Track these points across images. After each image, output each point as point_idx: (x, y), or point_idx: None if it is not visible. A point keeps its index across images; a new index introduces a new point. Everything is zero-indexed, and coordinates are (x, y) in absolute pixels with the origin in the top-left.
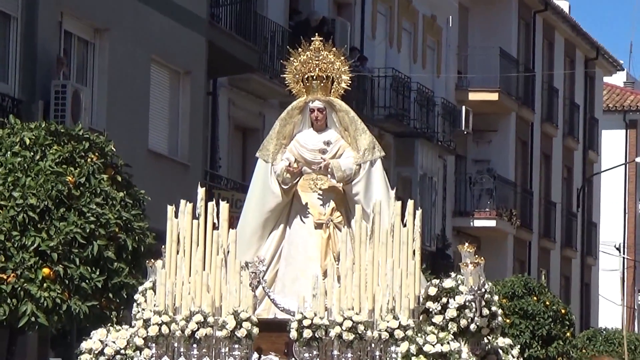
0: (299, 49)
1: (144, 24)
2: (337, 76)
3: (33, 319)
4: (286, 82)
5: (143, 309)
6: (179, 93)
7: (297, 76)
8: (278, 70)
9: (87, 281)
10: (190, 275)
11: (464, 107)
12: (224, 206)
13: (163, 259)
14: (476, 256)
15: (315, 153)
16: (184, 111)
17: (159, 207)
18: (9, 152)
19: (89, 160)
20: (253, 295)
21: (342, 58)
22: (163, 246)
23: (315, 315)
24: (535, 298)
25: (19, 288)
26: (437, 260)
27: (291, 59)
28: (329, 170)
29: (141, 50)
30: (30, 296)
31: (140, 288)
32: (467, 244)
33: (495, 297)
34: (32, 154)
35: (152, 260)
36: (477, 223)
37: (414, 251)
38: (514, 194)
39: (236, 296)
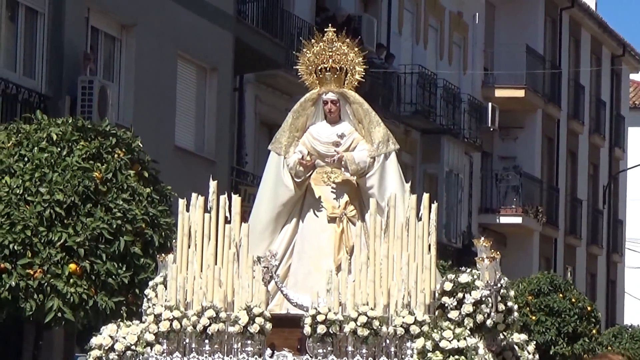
0: (312, 40)
1: (170, 20)
2: (351, 68)
3: (59, 314)
4: (299, 74)
5: (154, 304)
6: (206, 89)
7: (310, 68)
8: None
9: (113, 277)
10: (202, 270)
11: (490, 104)
12: (236, 199)
13: (174, 253)
14: (492, 251)
15: (329, 146)
16: (210, 107)
17: None
18: (36, 148)
19: (115, 156)
20: (265, 290)
21: (356, 49)
22: (174, 240)
23: (330, 310)
24: (561, 295)
25: (46, 284)
26: (462, 257)
27: (304, 50)
28: (343, 163)
29: (168, 46)
30: (56, 292)
31: (151, 283)
32: (482, 238)
33: (512, 292)
34: (59, 149)
35: (163, 254)
36: (503, 220)
37: (429, 245)
38: (540, 191)
39: (249, 291)
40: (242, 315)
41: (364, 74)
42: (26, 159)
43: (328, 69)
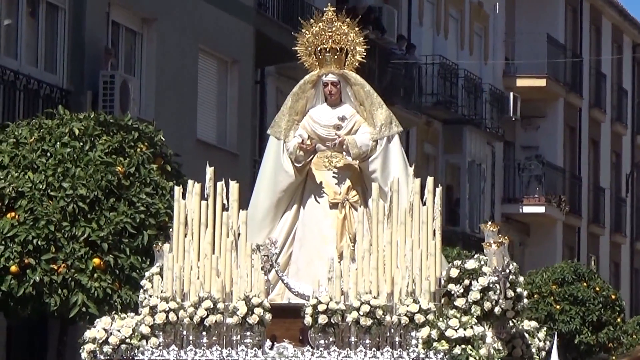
0: (311, 20)
1: (191, 14)
2: (352, 48)
3: (84, 309)
4: (298, 55)
5: (150, 296)
6: (227, 82)
7: (309, 48)
8: None
9: (137, 271)
10: (199, 260)
11: (511, 94)
12: (234, 186)
13: (170, 242)
14: (500, 235)
15: (330, 129)
16: (232, 100)
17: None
18: (58, 143)
19: (138, 150)
20: (266, 279)
21: (357, 29)
22: (171, 229)
23: (331, 299)
24: (585, 284)
25: (70, 278)
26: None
27: (303, 30)
28: (344, 146)
29: (189, 39)
30: (81, 286)
31: (147, 274)
32: (489, 223)
33: (521, 279)
34: (81, 144)
35: (159, 243)
36: (526, 209)
37: (434, 231)
38: (562, 180)
39: (247, 280)
40: (240, 305)
41: (364, 54)
42: (49, 154)
43: (328, 49)
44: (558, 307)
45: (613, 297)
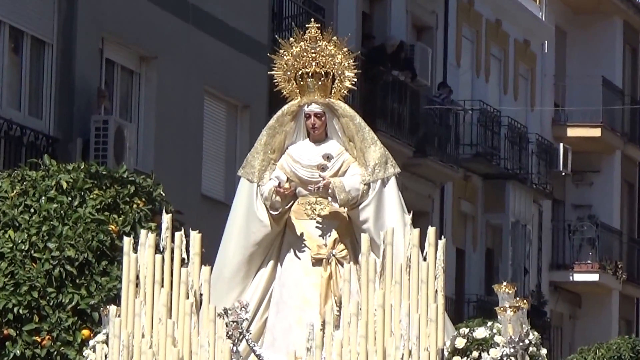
0: (291, 39)
1: (196, 51)
2: (339, 72)
3: None
4: (275, 80)
5: None
6: (237, 130)
7: (288, 73)
8: (349, 101)
9: None
10: (152, 325)
11: (561, 145)
12: (196, 236)
13: (118, 306)
14: (517, 299)
15: (313, 170)
16: (242, 150)
17: (215, 259)
18: (43, 198)
19: (134, 206)
20: (234, 350)
21: (345, 50)
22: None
23: None
24: None
25: (55, 352)
26: (531, 320)
27: (281, 51)
28: (330, 191)
29: (193, 80)
30: None
31: (91, 342)
32: (505, 283)
33: (543, 351)
34: (69, 199)
35: (106, 307)
36: (578, 277)
37: (436, 292)
38: (619, 244)
39: (209, 351)
40: None
41: (355, 80)
42: (32, 210)
43: (310, 74)
44: None
45: None
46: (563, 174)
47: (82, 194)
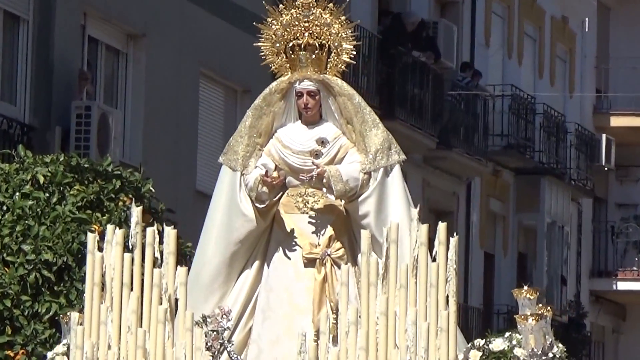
0: (281, 5)
1: (190, 28)
2: (336, 44)
3: None
4: (262, 53)
5: None
6: (236, 117)
7: (277, 45)
8: (364, 86)
9: None
10: (119, 335)
11: (604, 136)
12: (170, 232)
13: (82, 314)
14: (540, 305)
15: (305, 156)
16: None
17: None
18: (17, 194)
19: (120, 203)
20: None
21: (343, 17)
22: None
23: None
24: None
25: None
26: (569, 334)
27: (269, 20)
28: (325, 181)
29: (187, 61)
30: None
31: (49, 354)
32: (525, 287)
33: None
34: (47, 195)
35: (67, 314)
36: (622, 286)
37: (447, 297)
38: None
39: None
40: None
41: (354, 53)
42: (5, 207)
43: (303, 46)
44: None
45: None
46: (606, 168)
47: (61, 190)
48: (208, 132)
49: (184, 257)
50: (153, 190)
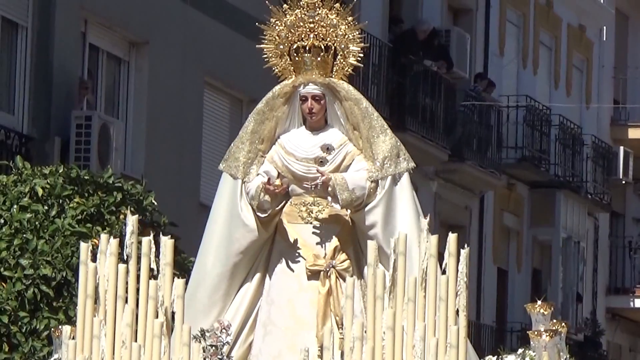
0: (285, 5)
1: (194, 36)
2: (342, 46)
3: None
4: (265, 56)
5: None
6: (241, 127)
7: (281, 47)
8: (373, 96)
9: None
10: (113, 350)
11: (621, 149)
12: (167, 243)
13: (74, 326)
14: (554, 321)
15: (309, 164)
16: None
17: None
18: (15, 206)
19: (121, 217)
20: None
21: (350, 19)
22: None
23: None
24: None
25: None
26: (585, 353)
27: (273, 20)
28: (330, 190)
29: (191, 70)
30: None
31: None
32: (539, 302)
33: None
34: (46, 208)
35: (59, 328)
36: (639, 303)
37: (457, 311)
38: None
39: None
40: None
41: (361, 56)
42: (2, 220)
43: (308, 48)
44: None
45: None
46: (623, 182)
47: (60, 202)
48: (212, 144)
49: (187, 272)
50: (155, 203)
